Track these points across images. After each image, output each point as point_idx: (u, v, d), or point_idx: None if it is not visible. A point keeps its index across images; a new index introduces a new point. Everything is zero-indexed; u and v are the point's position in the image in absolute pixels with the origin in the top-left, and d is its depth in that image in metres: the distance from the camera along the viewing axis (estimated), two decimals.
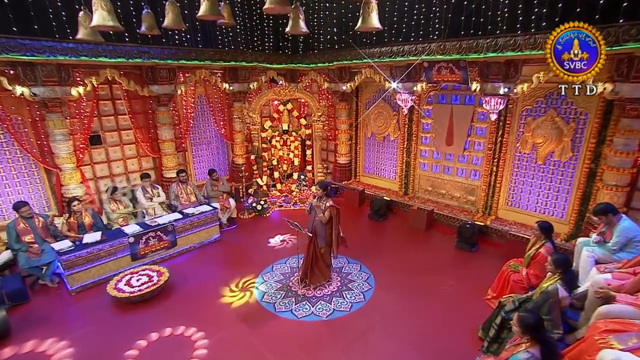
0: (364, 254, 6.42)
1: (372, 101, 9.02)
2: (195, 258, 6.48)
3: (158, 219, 6.59)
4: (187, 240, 6.69)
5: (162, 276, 5.53)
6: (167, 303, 5.25)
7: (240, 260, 6.36)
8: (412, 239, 7.14)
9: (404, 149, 8.50)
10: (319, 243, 5.31)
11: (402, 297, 5.30)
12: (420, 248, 6.75)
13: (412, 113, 8.22)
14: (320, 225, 5.24)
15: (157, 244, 6.34)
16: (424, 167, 8.32)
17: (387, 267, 6.03)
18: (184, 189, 7.33)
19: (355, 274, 5.90)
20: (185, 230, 6.65)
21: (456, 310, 4.98)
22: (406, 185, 8.69)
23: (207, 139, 9.30)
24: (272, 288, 5.57)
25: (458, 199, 7.87)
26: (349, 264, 6.17)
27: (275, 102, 9.45)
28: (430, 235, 7.29)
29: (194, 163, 9.22)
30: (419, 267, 6.03)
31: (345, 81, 8.73)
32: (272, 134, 8.99)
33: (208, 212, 6.95)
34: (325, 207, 5.17)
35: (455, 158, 7.75)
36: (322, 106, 8.90)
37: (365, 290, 5.48)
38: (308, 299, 5.26)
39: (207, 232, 6.95)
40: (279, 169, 9.20)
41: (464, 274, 5.89)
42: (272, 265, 6.19)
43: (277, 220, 8.19)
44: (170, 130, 8.07)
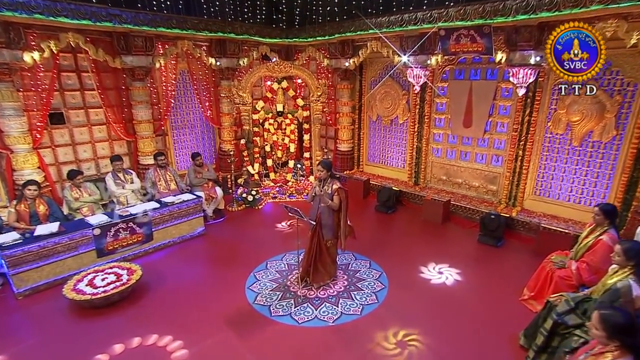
0: (373, 249, 5.94)
1: (379, 79, 8.50)
2: (174, 254, 5.90)
3: (131, 208, 5.89)
4: (166, 234, 6.08)
5: (133, 275, 4.87)
6: (138, 307, 4.59)
7: (229, 257, 5.77)
8: (427, 233, 6.66)
9: (414, 133, 8.00)
10: (325, 234, 4.75)
11: (421, 298, 4.73)
12: (438, 243, 6.28)
13: (424, 92, 7.68)
14: (327, 214, 4.69)
15: (129, 237, 5.65)
16: (438, 153, 7.83)
17: (400, 264, 5.53)
18: (162, 175, 6.66)
19: (365, 271, 5.33)
20: (164, 222, 6.01)
21: (487, 314, 4.42)
22: (417, 175, 8.18)
23: (190, 121, 8.69)
24: (267, 288, 4.95)
25: (477, 188, 7.33)
26: (356, 260, 5.62)
27: (267, 83, 8.81)
28: (447, 229, 6.81)
29: (175, 149, 8.58)
30: (440, 264, 5.45)
31: (348, 57, 8.17)
32: (265, 116, 8.43)
33: (191, 201, 6.31)
34: (333, 191, 4.58)
35: (474, 142, 7.23)
36: (322, 85, 8.30)
37: (378, 290, 4.90)
38: (310, 301, 4.66)
39: (189, 225, 6.32)
40: (272, 156, 8.61)
41: (491, 271, 5.35)
42: (266, 261, 5.56)
43: (271, 213, 7.62)
44: (147, 109, 7.42)
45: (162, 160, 6.63)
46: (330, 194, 4.63)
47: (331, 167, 4.79)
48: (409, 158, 8.22)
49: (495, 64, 6.44)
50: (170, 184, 6.73)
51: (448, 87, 7.35)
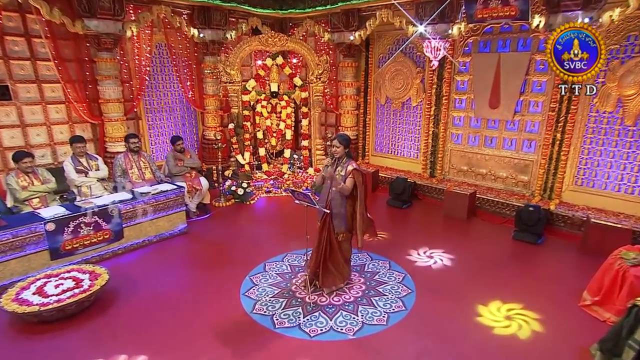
0: (391, 248, 5.43)
1: (388, 56, 8.01)
2: (150, 256, 5.25)
3: (96, 200, 5.16)
4: (139, 232, 5.42)
5: (97, 280, 4.15)
6: (102, 320, 3.90)
7: (218, 259, 5.16)
8: (451, 229, 6.16)
9: (430, 117, 7.54)
10: (336, 226, 4.19)
11: (459, 304, 4.18)
12: (466, 241, 5.78)
13: (442, 68, 7.21)
14: (339, 201, 4.13)
15: (93, 234, 4.93)
16: (458, 139, 7.37)
17: (427, 264, 4.98)
18: (135, 162, 5.95)
19: (385, 273, 4.77)
20: (137, 217, 5.36)
21: (544, 325, 3.84)
22: (433, 165, 7.69)
23: (168, 104, 8.07)
24: (267, 294, 4.29)
25: (505, 180, 6.84)
26: (373, 260, 5.08)
27: (258, 62, 8.19)
28: (474, 225, 6.33)
29: (150, 136, 7.94)
30: (470, 265, 5.01)
31: (353, 29, 7.68)
32: (257, 98, 7.78)
33: (171, 192, 5.66)
34: (347, 173, 4.03)
35: (501, 125, 6.76)
36: (323, 61, 7.71)
37: (404, 295, 4.31)
38: (322, 309, 4.04)
39: (168, 221, 5.68)
40: (265, 144, 7.93)
41: (535, 273, 4.82)
42: (263, 263, 4.94)
43: (266, 208, 7.02)
44: (116, 87, 6.74)
45: (135, 144, 5.92)
46: (344, 177, 4.05)
47: (350, 143, 4.21)
48: (424, 146, 7.74)
49: (529, 32, 6.01)
50: (144, 172, 6.03)
51: (471, 62, 6.90)
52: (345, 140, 4.13)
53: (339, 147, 4.11)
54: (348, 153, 4.19)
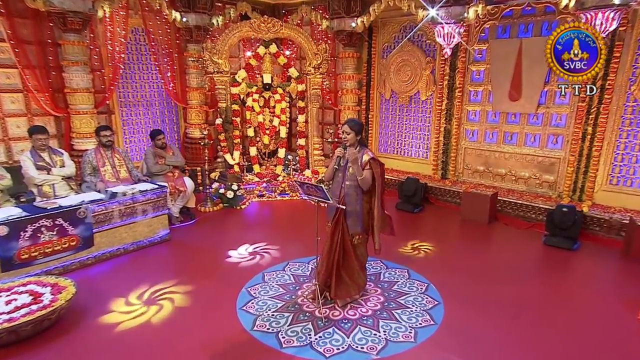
0: (408, 255, 5.14)
1: (394, 45, 7.79)
2: (126, 266, 4.81)
3: (61, 200, 4.71)
4: (113, 238, 5.00)
5: (61, 294, 3.69)
6: (66, 344, 3.43)
7: (207, 269, 4.77)
8: (473, 235, 5.92)
9: (441, 112, 7.35)
10: (351, 227, 3.88)
11: (494, 316, 3.85)
12: (492, 247, 5.57)
13: (455, 57, 7.02)
14: (354, 197, 3.84)
15: (57, 240, 4.46)
16: (473, 136, 7.17)
17: (451, 273, 4.70)
18: (108, 158, 5.50)
19: (404, 283, 4.44)
20: (111, 221, 4.95)
21: (600, 341, 3.55)
22: (445, 166, 7.47)
23: (146, 97, 7.67)
24: (269, 308, 3.89)
25: (527, 180, 6.62)
26: (388, 269, 4.80)
27: (247, 54, 7.94)
28: (497, 230, 6.09)
29: (124, 133, 7.51)
30: (502, 274, 4.71)
31: (355, 15, 7.47)
32: (248, 90, 7.47)
33: (151, 191, 5.29)
34: (363, 163, 3.76)
35: (523, 119, 6.56)
36: (322, 50, 7.44)
37: (430, 307, 3.97)
38: (336, 324, 3.66)
39: (148, 226, 5.29)
40: (257, 142, 7.57)
41: (578, 282, 4.63)
42: (262, 273, 4.56)
43: (259, 214, 6.69)
44: (85, 75, 6.31)
45: (107, 137, 5.48)
46: (360, 167, 3.76)
47: (362, 130, 3.91)
48: (435, 145, 7.53)
49: (556, 13, 5.78)
50: (119, 170, 5.59)
51: (488, 49, 6.71)
52: (356, 125, 3.84)
53: (350, 134, 3.81)
54: (361, 140, 3.90)
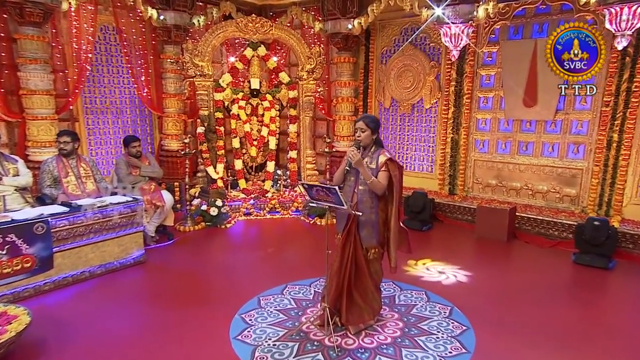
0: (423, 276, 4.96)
1: (394, 48, 7.80)
2: (93, 294, 4.46)
3: (14, 214, 4.37)
4: (77, 259, 4.64)
5: (11, 324, 3.32)
6: None
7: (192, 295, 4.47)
8: (493, 254, 5.78)
9: (448, 121, 7.31)
10: (365, 240, 3.66)
11: (541, 346, 3.60)
12: (516, 267, 5.48)
13: (462, 61, 7.01)
14: (369, 204, 3.63)
15: (7, 262, 4.10)
16: (484, 147, 7.14)
17: (475, 295, 4.52)
18: (72, 168, 5.18)
19: (424, 306, 4.24)
20: (74, 239, 4.61)
21: None
22: (453, 180, 7.38)
23: (115, 104, 7.42)
24: (269, 337, 3.59)
25: (546, 194, 6.56)
26: (403, 291, 4.58)
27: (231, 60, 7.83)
28: (518, 249, 5.97)
29: (89, 143, 7.19)
30: (533, 296, 4.53)
31: (352, 16, 7.44)
32: (233, 97, 7.34)
33: (125, 204, 5.01)
34: (380, 165, 3.58)
35: (539, 127, 6.53)
36: (316, 54, 7.38)
37: (459, 333, 3.73)
38: (351, 354, 3.37)
39: (119, 246, 4.97)
40: (243, 155, 7.39)
41: (623, 304, 4.49)
42: (257, 297, 4.27)
43: (246, 234, 6.48)
44: (45, 75, 6.02)
45: (67, 144, 5.17)
46: (375, 170, 3.57)
47: (379, 127, 3.73)
48: (441, 157, 7.46)
49: (574, 11, 5.78)
50: (85, 181, 5.27)
51: (499, 52, 6.73)
52: (373, 122, 3.67)
53: (365, 131, 3.63)
54: (377, 140, 3.72)
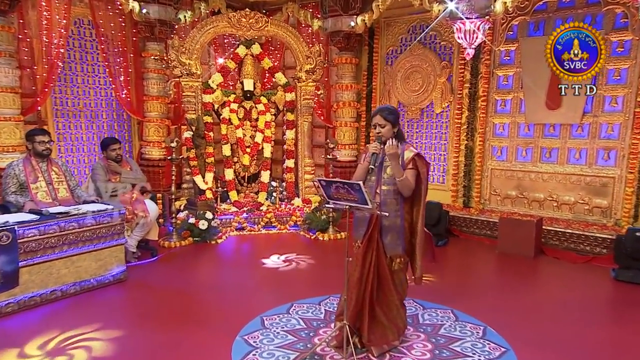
0: (446, 293, 4.86)
1: (401, 48, 7.89)
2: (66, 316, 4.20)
3: None
4: (48, 276, 4.40)
5: None
6: None
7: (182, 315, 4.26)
8: (519, 270, 5.68)
9: (461, 127, 7.33)
10: (389, 247, 3.52)
11: None
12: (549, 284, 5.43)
13: (477, 60, 7.02)
14: (393, 205, 3.50)
15: None
16: (502, 155, 7.13)
17: (509, 313, 4.39)
18: (42, 172, 4.96)
19: (452, 326, 4.13)
20: (45, 252, 4.35)
21: None
22: (467, 191, 7.37)
23: (90, 106, 7.28)
24: None
25: (573, 206, 6.51)
26: (426, 309, 4.43)
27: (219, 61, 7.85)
28: (548, 265, 5.89)
29: (59, 150, 6.99)
30: (575, 314, 4.42)
31: (355, 12, 7.49)
32: (225, 99, 7.31)
33: (104, 213, 4.80)
34: (405, 161, 3.47)
35: (564, 132, 6.50)
36: (315, 53, 7.42)
37: (498, 355, 3.61)
38: None
39: (97, 261, 4.75)
40: (234, 164, 7.35)
41: None
42: (259, 317, 4.10)
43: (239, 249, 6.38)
44: (11, 70, 5.87)
45: (47, 145, 4.94)
46: (401, 167, 3.45)
47: (398, 119, 3.64)
48: (454, 166, 7.45)
49: (601, 4, 5.87)
50: (57, 188, 5.04)
51: (518, 50, 6.76)
52: (391, 113, 3.55)
53: (385, 126, 3.50)
54: (399, 133, 3.60)
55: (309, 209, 7.03)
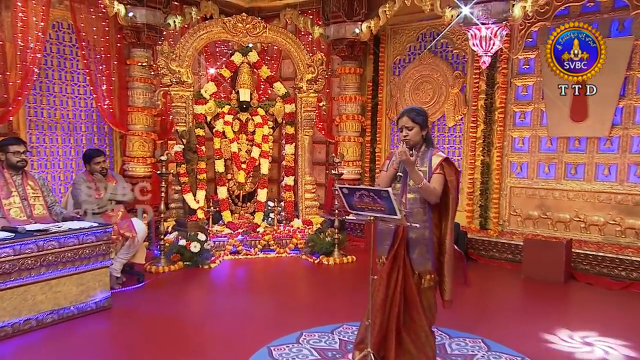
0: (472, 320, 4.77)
1: (409, 57, 8.02)
2: (42, 349, 4.08)
3: None
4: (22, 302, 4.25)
5: None
6: None
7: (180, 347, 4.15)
8: (550, 297, 5.61)
9: (476, 141, 7.41)
10: (417, 263, 3.41)
11: None
12: (586, 312, 5.32)
13: (494, 69, 7.11)
14: (421, 215, 3.40)
15: None
16: (521, 171, 7.18)
17: (545, 343, 4.30)
18: (16, 186, 4.85)
19: (486, 356, 4.03)
20: (20, 274, 4.20)
21: None
22: (485, 211, 7.38)
23: (68, 118, 7.32)
24: None
25: (602, 227, 6.48)
26: (453, 339, 4.30)
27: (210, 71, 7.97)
28: (581, 291, 5.85)
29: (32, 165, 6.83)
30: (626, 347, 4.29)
31: (360, 19, 7.66)
32: (218, 111, 7.32)
33: (88, 232, 4.66)
34: (434, 167, 3.39)
35: (591, 146, 6.54)
36: (317, 61, 7.51)
37: None
38: None
39: (78, 286, 4.61)
40: (227, 181, 7.31)
41: None
42: (266, 347, 3.99)
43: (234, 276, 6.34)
44: None
45: (20, 156, 4.82)
46: (428, 173, 3.37)
47: (427, 122, 3.53)
48: (469, 185, 7.51)
49: (630, 8, 5.93)
50: (33, 204, 4.91)
51: (538, 58, 6.84)
52: (420, 114, 3.45)
53: (413, 128, 3.41)
54: (427, 137, 3.51)
55: (310, 230, 6.97)
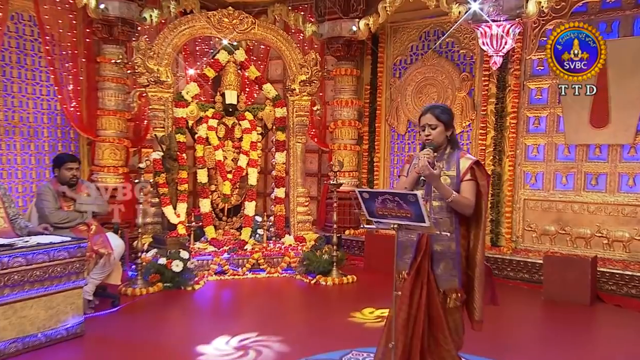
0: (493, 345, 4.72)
1: (411, 58, 8.12)
2: None
3: None
4: None
5: None
6: None
7: None
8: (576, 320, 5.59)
9: (486, 149, 7.48)
10: (443, 280, 3.33)
11: None
12: (618, 337, 5.23)
13: (505, 71, 7.20)
14: (447, 225, 3.32)
15: None
16: (536, 182, 7.24)
17: None
18: None
19: None
20: None
21: None
22: (496, 226, 7.38)
23: (28, 122, 7.30)
24: None
25: (627, 243, 6.48)
26: None
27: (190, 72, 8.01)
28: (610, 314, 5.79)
29: None
30: None
31: (357, 15, 7.73)
32: (201, 115, 7.29)
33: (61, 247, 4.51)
34: (462, 172, 3.30)
35: (613, 154, 6.60)
36: (310, 61, 7.49)
37: None
38: None
39: (47, 309, 4.45)
40: (211, 193, 7.29)
41: None
42: None
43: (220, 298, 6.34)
44: None
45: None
46: (456, 179, 3.27)
47: (452, 119, 3.44)
48: None
49: None
50: None
51: None
52: (444, 112, 3.36)
53: (437, 127, 3.31)
54: (452, 138, 3.40)
55: (305, 248, 6.89)
